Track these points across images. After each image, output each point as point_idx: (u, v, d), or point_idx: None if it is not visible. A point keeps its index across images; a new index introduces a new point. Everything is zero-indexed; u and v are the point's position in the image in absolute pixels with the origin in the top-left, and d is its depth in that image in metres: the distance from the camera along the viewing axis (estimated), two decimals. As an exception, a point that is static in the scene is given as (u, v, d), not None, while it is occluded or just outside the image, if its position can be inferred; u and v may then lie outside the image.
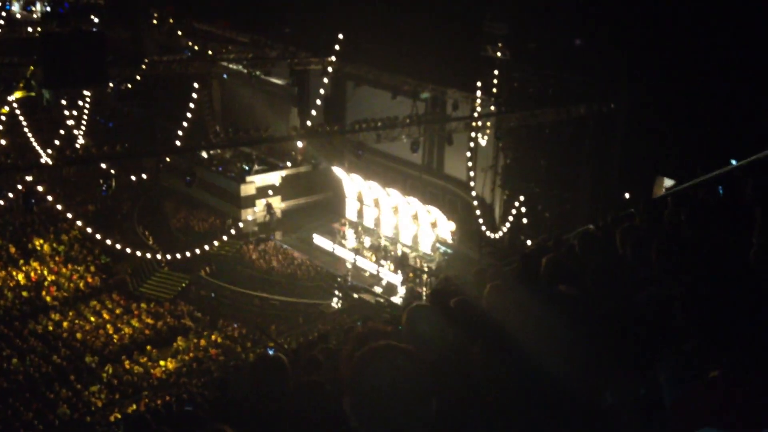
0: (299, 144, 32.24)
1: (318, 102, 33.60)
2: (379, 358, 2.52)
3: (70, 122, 36.41)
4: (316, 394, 3.97)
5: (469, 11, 29.49)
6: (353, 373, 2.53)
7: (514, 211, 30.89)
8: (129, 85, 32.33)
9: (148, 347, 28.10)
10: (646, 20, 23.80)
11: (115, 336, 28.78)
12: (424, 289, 28.68)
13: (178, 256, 32.34)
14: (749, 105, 20.43)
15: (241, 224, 36.25)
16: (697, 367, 2.80)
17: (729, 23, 21.13)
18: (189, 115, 31.93)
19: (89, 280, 32.81)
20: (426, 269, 30.76)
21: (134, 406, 24.73)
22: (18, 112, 34.07)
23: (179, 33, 37.48)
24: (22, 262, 33.22)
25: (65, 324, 29.44)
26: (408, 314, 3.97)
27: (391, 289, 31.39)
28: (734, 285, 2.69)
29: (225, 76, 38.12)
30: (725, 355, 2.60)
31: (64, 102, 36.39)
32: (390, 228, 34.11)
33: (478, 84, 29.36)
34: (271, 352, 20.09)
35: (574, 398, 3.28)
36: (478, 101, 29.46)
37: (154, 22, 37.57)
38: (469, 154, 30.45)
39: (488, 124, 29.63)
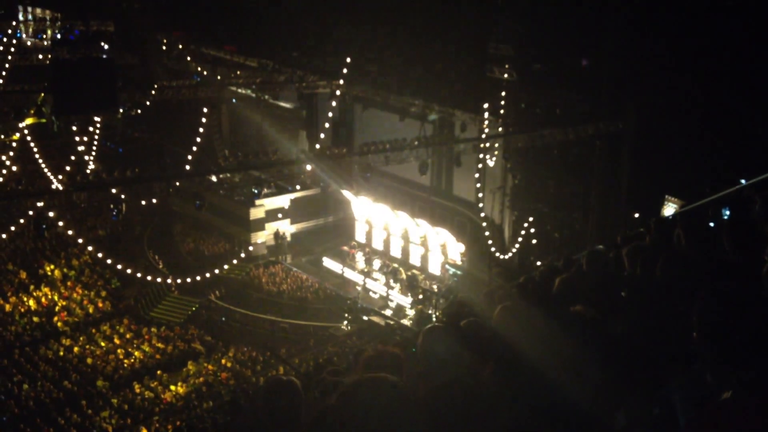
0: (308, 167, 32.37)
1: (326, 125, 33.76)
2: (361, 392, 2.52)
3: (81, 148, 36.65)
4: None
5: (475, 34, 29.65)
6: (336, 409, 2.53)
7: (523, 232, 30.84)
8: (139, 111, 32.55)
9: (159, 372, 28.07)
10: (653, 40, 23.86)
11: (125, 361, 28.77)
12: (434, 310, 28.61)
13: (188, 280, 32.39)
14: (758, 124, 20.42)
15: (250, 247, 36.31)
16: (711, 387, 2.79)
17: (737, 43, 21.17)
18: (198, 139, 32.10)
19: (100, 304, 32.87)
20: (436, 291, 30.70)
21: (145, 431, 24.68)
22: (29, 138, 34.32)
23: (188, 58, 37.78)
24: (33, 287, 33.33)
25: (76, 349, 29.47)
26: (423, 335, 3.97)
27: (400, 311, 31.32)
28: (746, 304, 2.69)
29: (234, 100, 38.36)
30: (738, 375, 2.60)
31: (74, 128, 36.66)
32: (399, 250, 34.11)
33: (486, 105, 29.44)
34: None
35: (587, 419, 3.27)
36: (486, 122, 29.53)
37: (163, 48, 37.91)
38: (477, 175, 30.47)
39: (496, 145, 29.68)
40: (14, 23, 39.65)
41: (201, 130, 32.19)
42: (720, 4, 21.97)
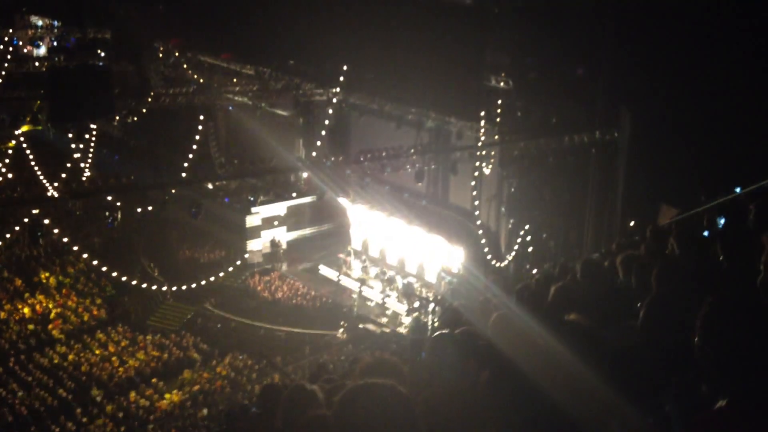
0: (304, 174, 32.46)
1: (323, 132, 33.78)
2: (362, 396, 2.52)
3: (76, 155, 36.60)
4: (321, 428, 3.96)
5: (471, 42, 29.73)
6: (337, 413, 2.53)
7: (519, 240, 30.86)
8: (135, 118, 32.52)
9: (154, 379, 27.99)
10: (648, 48, 23.95)
11: (120, 368, 28.67)
12: (430, 318, 28.57)
13: (184, 287, 32.32)
14: (754, 131, 20.48)
15: (246, 255, 36.25)
16: (705, 397, 2.79)
17: (732, 49, 21.25)
18: (194, 146, 32.08)
19: (95, 312, 32.78)
20: (431, 299, 30.67)
21: (140, 440, 24.60)
22: (24, 145, 34.28)
23: (184, 66, 37.80)
24: (27, 295, 33.23)
25: (71, 357, 29.37)
26: (432, 343, 3.98)
27: (396, 319, 31.30)
28: (750, 313, 2.69)
29: (230, 108, 38.34)
30: (732, 384, 2.60)
31: (70, 135, 36.61)
32: (395, 258, 34.08)
33: (482, 113, 29.51)
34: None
35: (581, 428, 3.27)
36: (482, 131, 29.58)
37: (160, 55, 37.92)
38: (473, 183, 30.52)
39: (492, 153, 29.71)
40: (11, 31, 39.55)
41: (197, 137, 32.18)
42: (716, 13, 22.05)
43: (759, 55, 20.27)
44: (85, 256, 32.16)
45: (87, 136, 37.38)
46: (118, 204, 22.17)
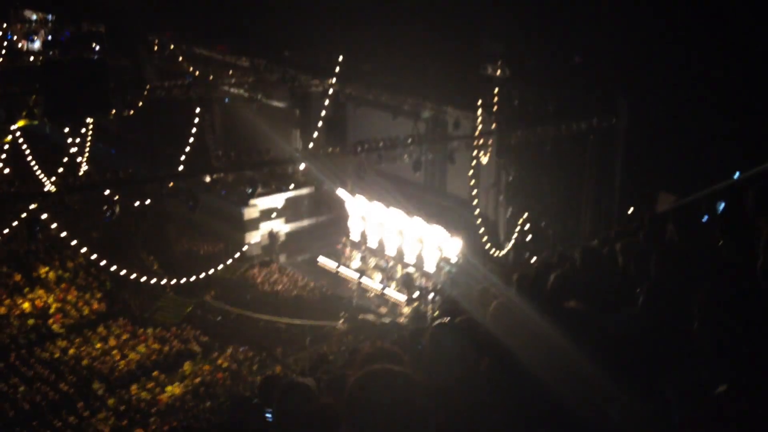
0: (302, 166, 32.39)
1: (320, 124, 33.71)
2: (375, 381, 2.51)
3: (73, 150, 36.52)
4: (326, 416, 3.96)
5: (467, 30, 29.64)
6: (349, 398, 2.53)
7: (517, 228, 30.87)
8: (131, 112, 32.42)
9: (155, 372, 28.03)
10: (645, 35, 23.89)
11: (121, 362, 28.71)
12: (430, 308, 28.61)
13: (183, 280, 32.32)
14: (752, 117, 20.46)
15: (245, 247, 36.23)
16: (705, 382, 2.79)
17: (729, 35, 21.21)
18: (191, 139, 32.01)
19: (95, 306, 32.78)
20: (431, 288, 30.70)
21: (141, 432, 24.65)
22: (21, 140, 34.20)
23: (180, 59, 37.66)
24: (27, 290, 33.20)
25: (72, 351, 29.39)
26: (432, 332, 3.98)
27: (395, 309, 31.33)
28: (749, 297, 2.69)
29: (226, 100, 38.24)
30: (732, 369, 2.60)
31: (66, 130, 36.51)
32: (394, 248, 34.10)
33: (479, 102, 29.45)
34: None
35: (581, 415, 3.27)
36: (479, 119, 29.53)
37: (155, 48, 37.78)
38: (471, 172, 30.48)
39: (489, 142, 29.67)
40: (5, 25, 39.39)
41: (194, 130, 32.11)
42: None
43: (756, 41, 20.24)
44: (83, 250, 32.14)
45: (83, 130, 37.32)
46: (116, 198, 22.10)
